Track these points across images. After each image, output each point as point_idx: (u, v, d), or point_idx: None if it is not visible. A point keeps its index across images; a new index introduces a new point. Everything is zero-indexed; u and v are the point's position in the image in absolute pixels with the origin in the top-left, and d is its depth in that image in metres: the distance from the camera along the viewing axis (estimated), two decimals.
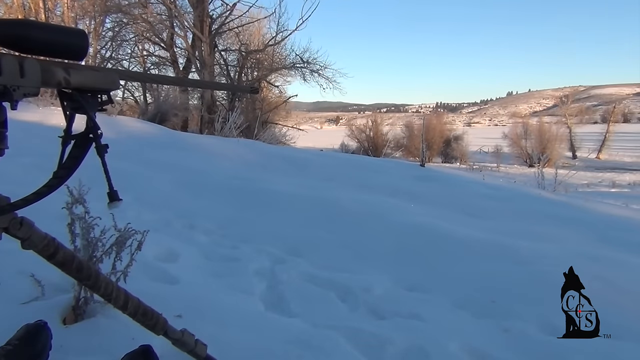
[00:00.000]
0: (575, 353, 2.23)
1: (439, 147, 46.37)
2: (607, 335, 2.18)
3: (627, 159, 45.09)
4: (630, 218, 5.39)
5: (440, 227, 4.04)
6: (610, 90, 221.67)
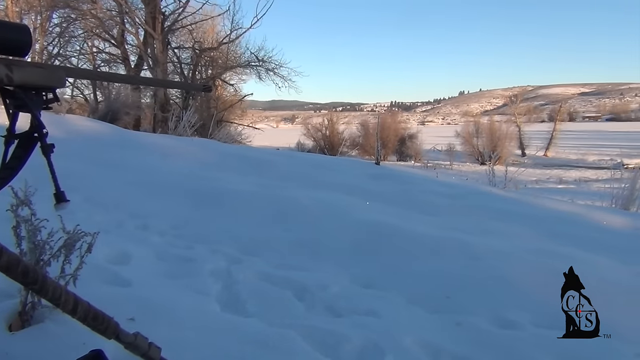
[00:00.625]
0: (525, 345, 2.31)
1: (394, 146, 46.99)
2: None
3: (573, 157, 46.82)
4: (575, 213, 5.59)
5: (395, 225, 4.09)
6: (556, 90, 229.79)
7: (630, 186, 7.54)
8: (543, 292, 2.90)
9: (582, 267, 3.31)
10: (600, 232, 4.65)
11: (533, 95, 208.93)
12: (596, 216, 5.36)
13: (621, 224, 5.04)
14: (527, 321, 2.57)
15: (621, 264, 3.50)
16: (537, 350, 2.26)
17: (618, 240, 4.38)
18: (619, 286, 2.96)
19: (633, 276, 3.24)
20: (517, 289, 2.94)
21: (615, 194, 7.67)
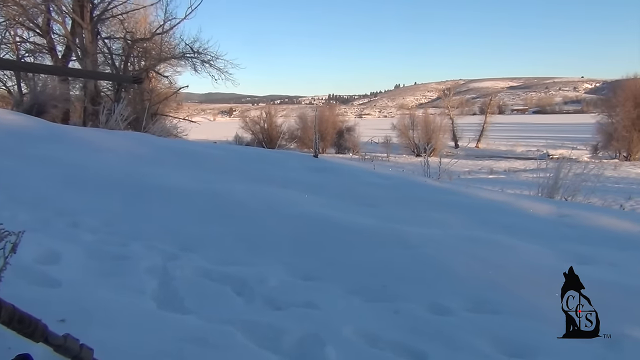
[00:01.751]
0: (459, 330, 2.39)
1: (332, 138, 47.41)
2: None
3: (503, 148, 48.86)
4: (505, 202, 5.83)
5: (333, 217, 4.13)
6: (486, 84, 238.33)
7: (554, 176, 7.93)
8: (474, 277, 3.02)
9: (510, 253, 3.48)
10: (528, 220, 4.87)
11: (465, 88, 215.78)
12: (524, 204, 5.61)
13: (546, 211, 5.29)
14: (460, 306, 2.66)
15: (546, 248, 3.68)
16: (470, 334, 2.34)
17: (543, 226, 4.60)
18: (544, 270, 3.12)
19: (557, 260, 3.42)
20: (450, 275, 3.04)
21: (541, 183, 8.05)
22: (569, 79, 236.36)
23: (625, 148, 40.27)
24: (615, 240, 4.19)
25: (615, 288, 2.85)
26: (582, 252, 3.69)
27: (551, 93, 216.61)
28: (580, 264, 3.41)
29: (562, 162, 8.39)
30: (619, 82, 51.66)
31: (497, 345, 2.26)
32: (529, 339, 2.32)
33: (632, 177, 26.22)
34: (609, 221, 4.87)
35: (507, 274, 3.06)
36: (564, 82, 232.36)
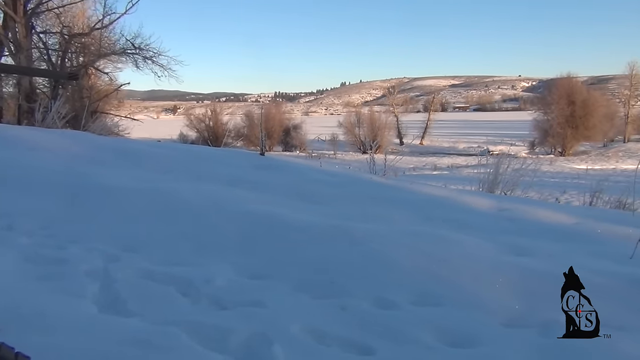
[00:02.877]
0: (404, 323, 2.44)
1: (279, 136, 47.36)
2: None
3: (446, 144, 50.24)
4: (448, 197, 5.98)
5: (280, 215, 4.12)
6: (430, 82, 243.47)
7: (494, 171, 8.18)
8: (419, 271, 3.08)
9: (452, 247, 3.57)
10: (469, 214, 5.01)
11: (409, 86, 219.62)
12: (466, 199, 5.77)
13: (487, 205, 5.46)
14: (405, 300, 2.71)
15: (487, 241, 3.80)
16: (414, 326, 2.39)
17: (484, 220, 4.75)
18: (484, 262, 3.22)
19: (496, 253, 3.54)
20: (396, 270, 3.10)
21: (482, 179, 8.29)
22: (507, 78, 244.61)
23: (560, 144, 42.22)
24: (551, 232, 4.37)
25: (551, 278, 2.97)
26: (520, 244, 3.83)
27: (491, 91, 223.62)
28: (518, 255, 3.55)
29: (502, 158, 8.68)
30: (553, 80, 54.14)
31: (441, 336, 2.32)
32: (470, 328, 2.39)
33: (567, 171, 27.49)
34: (546, 214, 5.08)
35: (450, 267, 3.14)
36: (502, 81, 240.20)
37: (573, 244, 4.00)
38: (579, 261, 3.41)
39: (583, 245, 3.98)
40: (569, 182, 17.65)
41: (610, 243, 4.02)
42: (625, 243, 3.74)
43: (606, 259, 3.52)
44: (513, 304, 2.69)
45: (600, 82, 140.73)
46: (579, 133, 41.88)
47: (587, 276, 3.00)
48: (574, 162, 33.76)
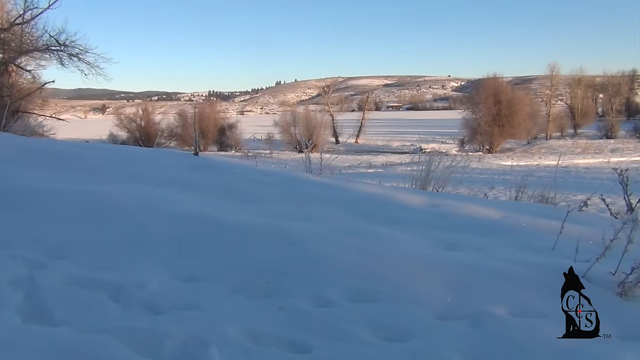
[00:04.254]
0: (341, 320, 2.46)
1: (214, 136, 46.74)
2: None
3: (380, 143, 51.23)
4: (383, 195, 6.09)
5: (215, 215, 4.06)
6: (364, 81, 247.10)
7: (426, 168, 8.41)
8: (355, 268, 3.12)
9: (387, 243, 3.64)
10: (403, 211, 5.13)
11: (344, 86, 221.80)
12: (400, 196, 5.90)
13: (420, 202, 5.61)
14: (342, 297, 2.74)
15: (420, 237, 3.91)
16: (351, 323, 2.42)
17: (417, 216, 4.87)
18: (418, 257, 3.30)
19: (429, 248, 3.65)
20: (332, 268, 3.12)
21: (415, 176, 8.49)
22: (437, 78, 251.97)
23: (487, 141, 44.02)
24: (480, 226, 4.55)
25: (480, 271, 3.10)
26: (451, 239, 3.96)
27: (422, 91, 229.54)
28: (449, 249, 3.67)
29: (433, 156, 8.94)
30: (480, 81, 56.34)
31: (376, 331, 2.37)
32: (405, 323, 2.45)
33: (494, 168, 28.72)
34: (475, 209, 5.27)
35: (385, 263, 3.20)
36: (433, 81, 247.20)
37: (500, 237, 4.18)
38: (506, 253, 3.58)
39: (509, 238, 4.17)
40: (497, 178, 18.42)
41: (534, 235, 4.23)
42: (548, 235, 3.94)
43: (531, 251, 3.71)
44: (445, 297, 2.78)
45: (524, 82, 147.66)
46: (505, 131, 43.84)
47: (513, 267, 3.16)
48: (501, 158, 35.30)
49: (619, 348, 2.25)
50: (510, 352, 2.21)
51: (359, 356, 2.16)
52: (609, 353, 2.20)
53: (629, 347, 2.28)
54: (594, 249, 3.07)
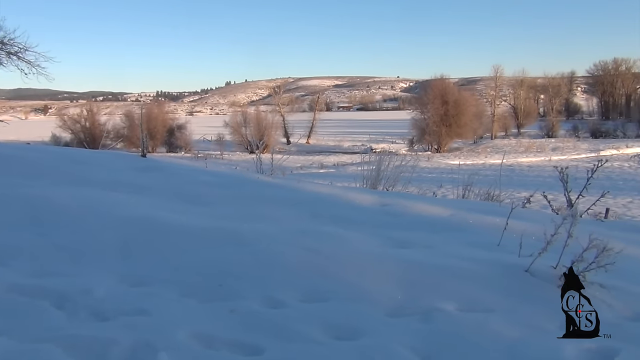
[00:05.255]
0: (293, 321, 2.46)
1: (163, 137, 45.83)
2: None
3: (331, 143, 51.50)
4: (334, 194, 6.12)
5: (164, 218, 3.98)
6: (314, 82, 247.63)
7: (376, 168, 8.51)
8: (307, 269, 3.13)
9: (338, 243, 3.66)
10: (354, 210, 5.17)
11: (294, 86, 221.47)
12: (351, 196, 5.94)
13: (370, 201, 5.67)
14: (294, 298, 2.74)
15: (370, 236, 3.95)
16: (303, 323, 2.43)
17: (368, 215, 4.92)
18: (368, 256, 3.34)
19: (380, 247, 3.69)
20: (284, 269, 3.12)
21: (365, 176, 8.58)
22: (387, 79, 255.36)
23: (436, 141, 44.97)
24: (429, 224, 4.64)
25: (429, 268, 3.16)
26: (401, 237, 4.02)
27: (372, 91, 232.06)
28: (400, 247, 3.73)
29: (383, 156, 9.06)
30: (428, 82, 57.51)
31: (328, 330, 2.38)
32: (356, 321, 2.47)
33: (443, 167, 29.39)
34: (424, 207, 5.37)
35: (336, 263, 3.22)
36: (382, 82, 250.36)
37: (448, 235, 4.27)
38: (454, 250, 3.66)
39: (457, 235, 4.27)
40: (445, 177, 18.87)
41: (481, 232, 4.35)
42: (494, 232, 4.06)
43: (477, 247, 3.81)
44: (396, 294, 2.82)
45: (470, 83, 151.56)
46: (452, 131, 44.91)
47: (461, 264, 3.24)
48: (449, 158, 36.13)
49: (561, 340, 2.35)
50: (459, 346, 2.27)
51: (311, 356, 2.16)
52: (551, 345, 2.29)
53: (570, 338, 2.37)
54: (536, 244, 3.18)
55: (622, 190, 18.58)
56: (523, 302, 2.78)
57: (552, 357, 2.19)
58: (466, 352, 2.22)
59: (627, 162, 25.79)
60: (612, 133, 50.67)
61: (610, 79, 77.59)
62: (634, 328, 2.52)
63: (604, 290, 2.86)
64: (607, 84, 77.73)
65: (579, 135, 51.09)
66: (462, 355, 2.20)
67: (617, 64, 78.80)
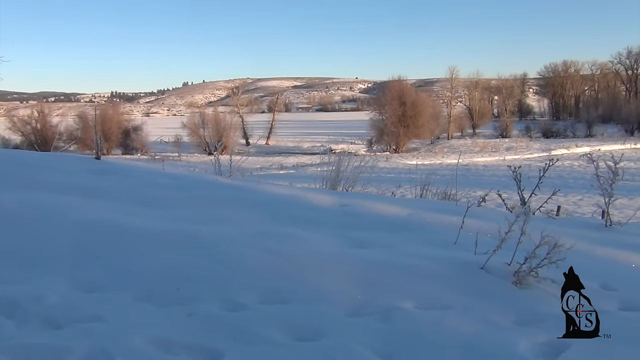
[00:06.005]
0: (253, 323, 2.44)
1: (118, 139, 44.89)
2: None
3: (291, 144, 51.54)
4: (294, 196, 6.11)
5: (119, 222, 3.88)
6: (273, 82, 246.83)
7: (336, 169, 8.54)
8: (267, 270, 3.12)
9: (298, 244, 3.65)
10: (314, 211, 5.17)
11: (253, 87, 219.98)
12: (310, 197, 5.94)
13: (330, 202, 5.68)
14: (254, 300, 2.73)
15: (330, 237, 3.96)
16: (263, 325, 2.42)
17: (328, 216, 4.93)
18: (328, 256, 3.35)
19: (339, 247, 3.71)
20: (244, 271, 3.10)
21: (325, 176, 8.60)
22: (345, 80, 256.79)
23: (394, 142, 45.60)
24: (388, 223, 4.69)
25: (388, 267, 3.20)
26: (360, 237, 4.05)
27: (331, 92, 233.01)
28: (359, 247, 3.76)
29: (343, 156, 9.10)
30: (386, 83, 58.22)
31: (289, 332, 2.38)
32: (317, 321, 2.48)
33: (401, 167, 29.80)
34: (383, 207, 5.43)
35: (296, 264, 3.22)
36: (341, 82, 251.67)
37: (407, 234, 4.33)
38: (412, 249, 3.72)
39: (415, 234, 4.33)
40: (403, 177, 19.09)
41: (438, 231, 4.43)
42: (451, 230, 4.14)
43: (435, 246, 3.87)
44: (356, 294, 2.84)
45: (427, 84, 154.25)
46: (410, 131, 45.63)
47: (419, 263, 3.29)
48: (407, 158, 36.69)
49: (515, 333, 2.42)
50: (417, 344, 2.30)
51: (272, 358, 2.15)
52: (506, 339, 2.35)
53: (523, 332, 2.45)
54: (491, 241, 3.26)
55: (572, 188, 19.29)
56: (479, 298, 2.85)
57: (506, 351, 2.25)
58: (424, 350, 2.26)
59: (577, 161, 26.67)
60: (563, 133, 52.59)
61: (560, 80, 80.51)
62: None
63: (555, 285, 2.96)
64: (557, 85, 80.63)
65: (532, 135, 52.79)
66: (420, 353, 2.24)
67: (566, 66, 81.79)
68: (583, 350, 2.27)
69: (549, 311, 2.69)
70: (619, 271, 3.56)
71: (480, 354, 2.22)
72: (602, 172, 5.30)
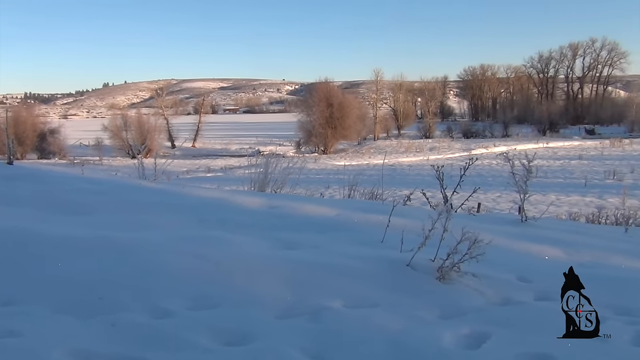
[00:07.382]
0: (180, 330, 2.38)
1: (33, 142, 42.53)
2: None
3: (218, 146, 50.84)
4: (222, 199, 6.03)
5: (33, 230, 3.66)
6: (199, 84, 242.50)
7: (264, 171, 8.50)
8: (194, 275, 3.05)
9: (226, 247, 3.61)
10: (242, 214, 5.12)
11: (178, 88, 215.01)
12: (238, 199, 5.88)
13: (258, 204, 5.65)
14: (181, 306, 2.66)
15: (259, 239, 3.94)
16: (191, 331, 2.36)
17: (256, 218, 4.91)
18: (257, 259, 3.33)
19: (268, 249, 3.70)
20: (170, 277, 3.01)
21: (253, 178, 8.54)
22: (272, 81, 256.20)
23: (322, 143, 46.02)
24: (316, 224, 4.73)
25: (317, 268, 3.22)
26: (289, 238, 4.06)
27: (258, 94, 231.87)
28: (288, 249, 3.76)
29: (271, 158, 9.07)
30: (313, 84, 58.69)
31: (218, 337, 2.34)
32: (246, 325, 2.45)
33: (330, 168, 30.14)
34: (311, 208, 5.46)
35: (225, 268, 3.17)
36: (268, 84, 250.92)
37: (335, 234, 4.38)
38: (340, 249, 3.76)
39: (343, 234, 4.39)
40: (332, 178, 19.29)
41: (365, 230, 4.51)
42: (377, 229, 4.23)
43: (362, 245, 3.94)
44: (285, 295, 2.84)
45: (353, 86, 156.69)
46: (338, 133, 46.22)
47: (347, 262, 3.34)
48: (335, 159, 37.15)
49: (439, 327, 2.50)
50: (346, 343, 2.33)
51: None
52: (431, 333, 2.42)
53: (448, 325, 2.54)
54: (416, 239, 3.36)
55: (491, 186, 20.21)
56: (405, 295, 2.92)
57: (431, 345, 2.32)
58: (353, 348, 2.29)
59: (495, 159, 28.02)
60: (482, 133, 55.17)
61: (478, 83, 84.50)
62: (502, 312, 2.76)
63: (476, 279, 3.09)
64: (476, 88, 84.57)
65: (453, 135, 54.99)
66: (349, 351, 2.26)
67: (483, 70, 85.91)
68: (501, 340, 2.38)
69: (471, 304, 2.81)
70: (534, 264, 3.77)
71: (407, 350, 2.28)
72: (517, 170, 5.60)
